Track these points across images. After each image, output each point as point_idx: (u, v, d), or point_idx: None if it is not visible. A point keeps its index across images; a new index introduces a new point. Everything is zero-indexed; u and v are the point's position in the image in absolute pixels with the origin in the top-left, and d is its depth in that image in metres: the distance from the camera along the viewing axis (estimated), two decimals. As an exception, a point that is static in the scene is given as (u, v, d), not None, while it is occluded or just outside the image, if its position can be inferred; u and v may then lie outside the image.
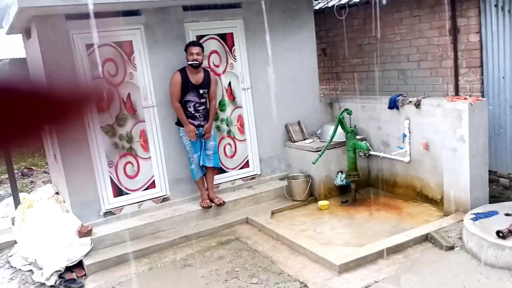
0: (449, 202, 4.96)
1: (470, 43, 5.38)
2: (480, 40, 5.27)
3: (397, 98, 5.56)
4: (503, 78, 5.11)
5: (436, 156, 5.16)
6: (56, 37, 4.87)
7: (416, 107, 5.31)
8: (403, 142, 5.50)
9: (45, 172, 9.29)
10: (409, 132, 5.42)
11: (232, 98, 5.97)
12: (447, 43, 5.61)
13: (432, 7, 5.70)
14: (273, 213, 5.54)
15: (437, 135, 5.08)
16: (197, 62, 5.20)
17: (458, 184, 4.83)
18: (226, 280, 4.17)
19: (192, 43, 5.25)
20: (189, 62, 5.21)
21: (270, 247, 4.74)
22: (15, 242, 5.32)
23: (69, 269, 4.62)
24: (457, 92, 5.59)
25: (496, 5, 5.04)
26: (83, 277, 4.57)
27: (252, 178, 6.16)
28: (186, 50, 5.26)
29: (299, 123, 6.31)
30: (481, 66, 5.32)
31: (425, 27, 5.83)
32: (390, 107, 5.63)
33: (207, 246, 4.95)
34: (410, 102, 5.38)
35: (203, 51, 5.30)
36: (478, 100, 4.76)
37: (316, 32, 6.57)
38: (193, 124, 5.34)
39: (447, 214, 4.93)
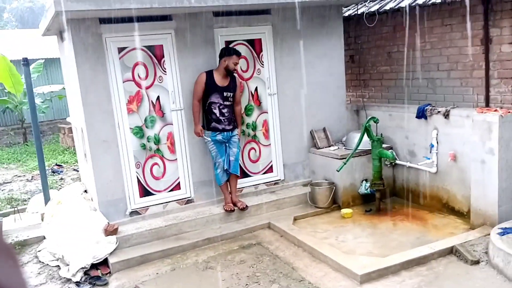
0: (476, 215, 4.86)
1: (503, 54, 5.26)
2: (513, 51, 5.15)
3: (426, 108, 5.49)
4: (537, 90, 4.98)
5: (464, 168, 5.07)
6: (89, 40, 5.02)
7: (445, 117, 5.23)
8: (430, 152, 5.43)
9: (74, 170, 9.53)
10: (437, 143, 5.34)
11: (258, 103, 6.01)
12: (478, 53, 5.51)
13: (464, 16, 5.60)
14: (295, 219, 5.55)
15: (465, 147, 5.00)
16: (235, 71, 5.42)
17: (485, 197, 4.73)
18: (247, 285, 4.20)
19: (237, 53, 5.36)
20: (227, 68, 5.30)
21: (292, 254, 4.75)
22: (44, 238, 5.49)
23: (94, 266, 4.74)
24: (487, 103, 5.48)
25: (531, 16, 4.93)
26: (108, 274, 4.68)
27: (275, 184, 6.19)
28: (225, 55, 5.32)
29: (324, 129, 6.30)
30: (514, 77, 5.20)
31: (457, 36, 5.74)
32: (418, 117, 5.57)
33: (229, 249, 4.99)
34: (439, 112, 5.30)
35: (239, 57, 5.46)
36: (509, 112, 4.66)
37: (345, 39, 6.54)
38: (217, 128, 5.42)
39: (474, 227, 4.83)
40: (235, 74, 5.61)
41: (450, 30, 5.81)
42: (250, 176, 6.06)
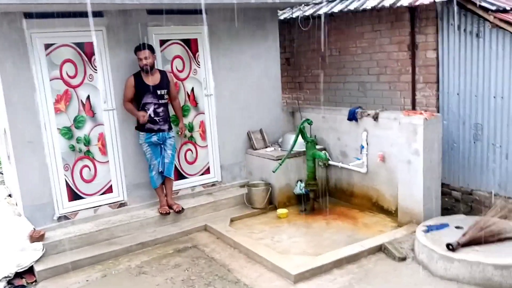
0: (403, 214, 5.11)
1: (428, 59, 5.57)
2: (437, 57, 5.47)
3: (356, 110, 5.68)
4: (458, 94, 5.32)
5: (391, 168, 5.30)
6: (12, 35, 4.72)
7: (374, 120, 5.44)
8: (361, 153, 5.63)
9: (-2, 172, 8.93)
10: (367, 144, 5.55)
11: (195, 104, 5.94)
12: (406, 58, 5.79)
13: (392, 22, 5.87)
14: (232, 220, 5.55)
15: (393, 148, 5.23)
16: (148, 66, 5.17)
17: (412, 196, 4.98)
18: (181, 289, 4.14)
19: (139, 48, 5.18)
20: (140, 67, 5.19)
21: (228, 255, 4.74)
22: (-38, 247, 5.10)
23: (19, 275, 4.49)
24: (414, 107, 5.77)
25: (453, 24, 5.25)
26: (34, 283, 4.45)
27: (212, 185, 6.15)
28: (136, 55, 5.22)
29: (261, 131, 6.34)
30: (437, 82, 5.52)
31: (385, 41, 6.00)
32: (350, 119, 5.76)
33: (163, 253, 4.90)
34: (369, 114, 5.51)
35: (153, 52, 5.25)
36: (433, 115, 4.94)
37: (281, 42, 6.63)
38: (152, 129, 5.30)
39: (401, 225, 5.07)
40: (165, 71, 5.49)
41: (379, 35, 6.06)
42: (186, 177, 5.98)
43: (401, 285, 3.97)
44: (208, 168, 6.14)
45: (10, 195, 6.09)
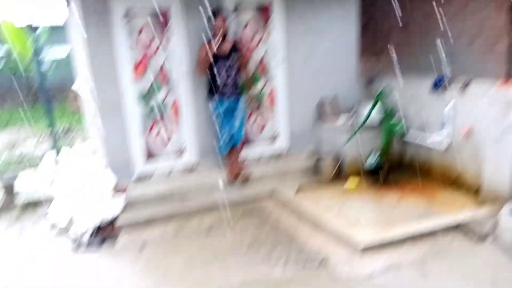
0: (487, 192, 4.71)
1: (527, 25, 4.97)
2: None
3: (442, 80, 5.27)
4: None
5: (477, 144, 4.88)
6: (95, 3, 4.93)
7: (462, 90, 5.01)
8: (444, 126, 5.23)
9: (83, 133, 9.57)
10: (451, 117, 5.14)
11: (266, 71, 5.86)
12: (503, 22, 5.22)
13: (488, -17, 5.30)
14: (299, 189, 5.46)
15: (481, 122, 4.79)
16: (221, 33, 5.18)
17: (499, 175, 4.56)
18: (247, 251, 4.21)
19: (213, 15, 5.18)
20: (213, 34, 5.21)
21: (294, 223, 4.70)
22: (54, 197, 5.53)
23: (102, 226, 4.77)
24: (509, 78, 5.22)
25: None
26: (115, 234, 4.74)
27: (280, 154, 6.10)
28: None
29: (334, 99, 6.13)
30: (540, 49, 4.93)
31: (480, 4, 5.44)
32: (433, 89, 5.36)
33: (231, 215, 4.99)
34: (456, 84, 5.09)
35: (226, 19, 5.25)
36: (530, 87, 4.43)
37: (359, 5, 6.27)
38: (223, 97, 5.33)
39: (483, 204, 4.67)
40: (237, 38, 5.49)
41: (472, -2, 5.51)
42: (254, 145, 5.98)
43: (479, 265, 3.69)
44: (277, 137, 6.08)
45: (95, 152, 6.47)
